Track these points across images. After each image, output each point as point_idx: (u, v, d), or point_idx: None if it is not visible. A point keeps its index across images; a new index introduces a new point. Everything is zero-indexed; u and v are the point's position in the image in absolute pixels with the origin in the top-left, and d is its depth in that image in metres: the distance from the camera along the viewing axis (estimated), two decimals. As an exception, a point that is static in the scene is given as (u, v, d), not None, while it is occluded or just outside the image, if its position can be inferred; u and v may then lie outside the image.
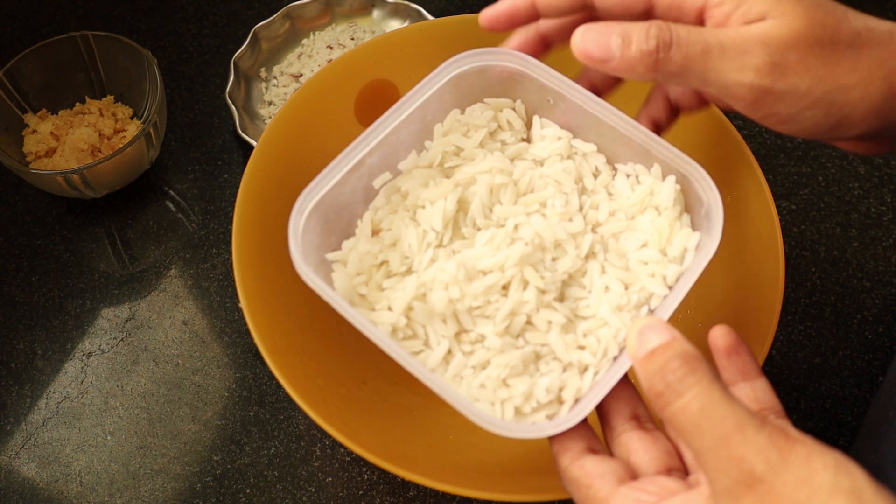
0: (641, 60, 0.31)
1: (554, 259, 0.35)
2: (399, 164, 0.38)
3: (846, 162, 0.61)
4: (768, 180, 0.44)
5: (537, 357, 0.33)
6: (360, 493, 0.49)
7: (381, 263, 0.36)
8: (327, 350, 0.44)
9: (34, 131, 0.58)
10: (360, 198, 0.37)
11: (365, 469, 0.49)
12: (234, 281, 0.48)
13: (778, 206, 0.51)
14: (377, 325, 0.33)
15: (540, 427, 0.31)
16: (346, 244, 0.36)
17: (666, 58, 0.30)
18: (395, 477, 0.49)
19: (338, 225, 0.37)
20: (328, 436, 0.50)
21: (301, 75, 0.63)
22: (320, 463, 0.50)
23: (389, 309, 0.34)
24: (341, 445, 0.47)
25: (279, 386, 0.50)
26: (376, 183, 0.37)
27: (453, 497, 0.49)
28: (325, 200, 0.35)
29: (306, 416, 0.49)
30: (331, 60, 0.60)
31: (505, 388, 0.33)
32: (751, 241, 0.44)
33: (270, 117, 0.62)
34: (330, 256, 0.36)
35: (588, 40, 0.31)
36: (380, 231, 0.37)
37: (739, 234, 0.45)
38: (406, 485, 0.49)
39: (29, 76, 0.58)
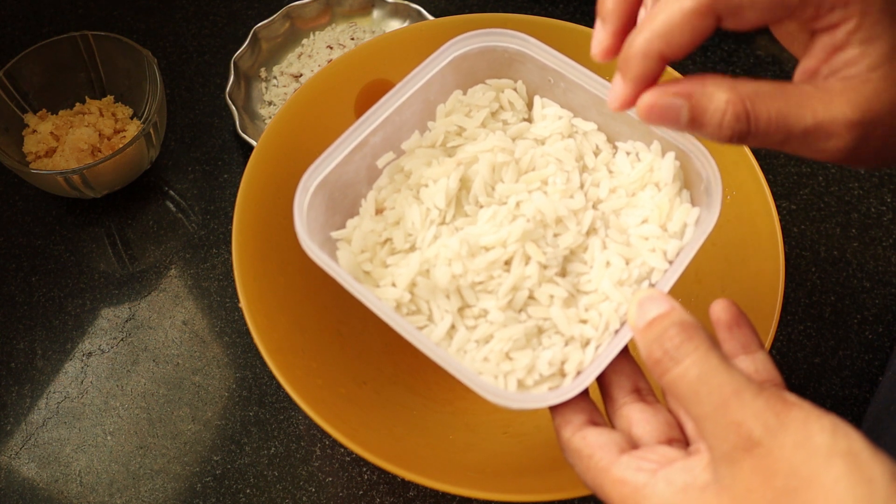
0: (711, 139, 0.29)
1: (555, 235, 0.35)
2: (402, 143, 0.38)
3: (846, 162, 0.61)
4: (768, 180, 0.44)
5: (540, 331, 0.34)
6: (360, 493, 0.49)
7: (385, 241, 0.36)
8: (327, 350, 0.44)
9: (34, 131, 0.58)
10: (364, 177, 0.38)
11: (365, 469, 0.49)
12: (234, 281, 0.48)
13: (778, 206, 0.51)
14: (381, 301, 0.33)
15: (542, 397, 0.31)
16: (350, 223, 0.37)
17: (741, 143, 0.29)
18: (395, 477, 0.49)
19: (342, 204, 0.37)
20: (328, 436, 0.50)
21: (301, 75, 0.63)
22: (320, 463, 0.50)
23: (393, 285, 0.34)
24: (341, 445, 0.47)
25: (279, 386, 0.50)
26: (380, 162, 0.38)
27: (453, 497, 0.49)
28: (329, 179, 0.35)
29: (306, 416, 0.49)
30: (331, 60, 0.60)
31: (508, 362, 0.33)
32: (751, 241, 0.44)
33: (270, 117, 0.62)
34: (335, 234, 0.36)
35: (654, 115, 0.29)
36: (384, 210, 0.37)
37: (739, 233, 0.45)
38: (406, 485, 0.49)
39: (29, 76, 0.58)
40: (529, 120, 0.39)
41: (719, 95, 0.28)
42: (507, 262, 0.34)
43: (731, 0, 0.28)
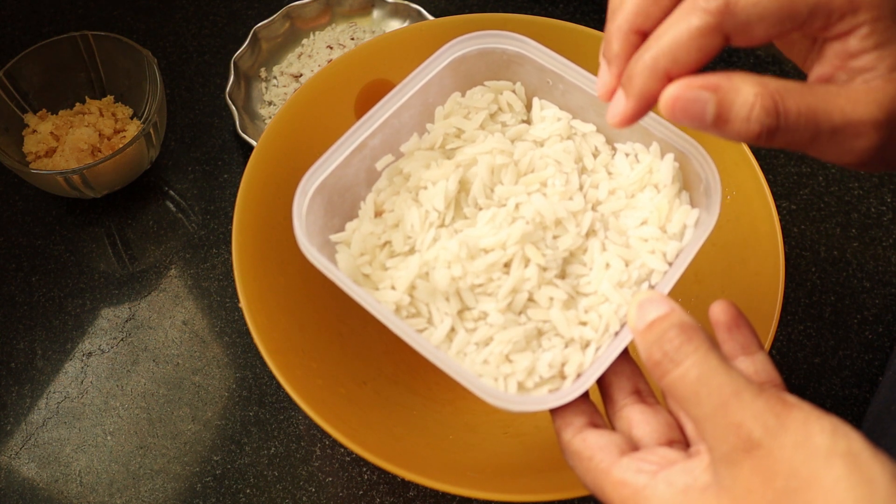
0: (739, 137, 0.28)
1: (555, 237, 0.35)
2: (401, 146, 0.38)
3: (846, 162, 0.61)
4: (768, 180, 0.44)
5: (539, 333, 0.34)
6: (360, 493, 0.49)
7: (385, 244, 0.36)
8: (327, 350, 0.44)
9: (34, 131, 0.58)
10: (363, 180, 0.38)
11: (365, 469, 0.49)
12: (234, 281, 0.48)
13: (778, 206, 0.51)
14: (381, 304, 0.33)
15: (542, 399, 0.31)
16: (349, 226, 0.37)
17: (769, 141, 0.28)
18: (395, 477, 0.49)
19: (341, 207, 0.37)
20: (328, 436, 0.50)
21: (301, 75, 0.63)
22: (320, 463, 0.50)
23: (393, 288, 0.34)
24: (341, 445, 0.47)
25: (279, 386, 0.50)
26: (379, 165, 0.38)
27: (453, 497, 0.49)
28: (328, 182, 0.35)
29: (306, 416, 0.49)
30: (331, 60, 0.60)
31: (508, 364, 0.33)
32: (751, 241, 0.44)
33: (270, 117, 0.62)
34: (334, 237, 0.36)
35: (678, 109, 0.28)
36: (383, 212, 0.37)
37: (739, 234, 0.45)
38: (406, 485, 0.49)
39: (29, 76, 0.58)
40: (528, 122, 0.39)
41: (747, 89, 0.27)
42: (507, 265, 0.34)
43: (739, 17, 0.27)
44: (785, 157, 0.61)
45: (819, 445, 0.25)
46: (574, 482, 0.36)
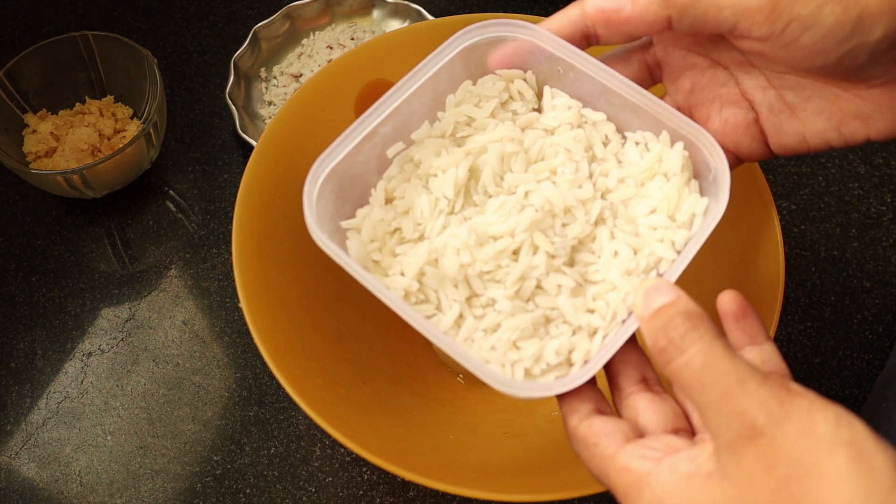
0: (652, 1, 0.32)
1: (564, 225, 0.35)
2: (412, 134, 0.38)
3: (846, 162, 0.61)
4: (768, 180, 0.44)
5: (547, 320, 0.34)
6: (360, 493, 0.49)
7: (395, 230, 0.36)
8: (327, 350, 0.44)
9: (34, 131, 0.58)
10: (374, 167, 0.38)
11: (365, 469, 0.49)
12: (234, 281, 0.48)
13: (778, 206, 0.51)
14: (390, 290, 0.33)
15: (549, 385, 0.31)
16: (359, 212, 0.37)
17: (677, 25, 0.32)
18: (395, 477, 0.49)
19: (352, 194, 0.37)
20: (328, 436, 0.50)
21: (301, 75, 0.63)
22: (320, 463, 0.50)
23: (402, 274, 0.34)
24: (341, 445, 0.47)
25: (279, 386, 0.50)
26: (390, 152, 0.38)
27: (453, 497, 0.49)
28: (338, 169, 0.35)
29: (306, 416, 0.49)
30: (331, 60, 0.60)
31: (515, 351, 0.33)
32: (751, 241, 0.44)
33: (270, 117, 0.62)
34: (344, 224, 0.36)
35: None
36: (393, 199, 0.37)
37: (739, 234, 0.45)
38: (406, 485, 0.49)
39: (29, 76, 0.58)
40: (539, 110, 0.39)
41: None
42: (516, 252, 0.34)
43: None
44: (785, 158, 0.61)
45: (822, 434, 0.25)
46: (574, 482, 0.36)
